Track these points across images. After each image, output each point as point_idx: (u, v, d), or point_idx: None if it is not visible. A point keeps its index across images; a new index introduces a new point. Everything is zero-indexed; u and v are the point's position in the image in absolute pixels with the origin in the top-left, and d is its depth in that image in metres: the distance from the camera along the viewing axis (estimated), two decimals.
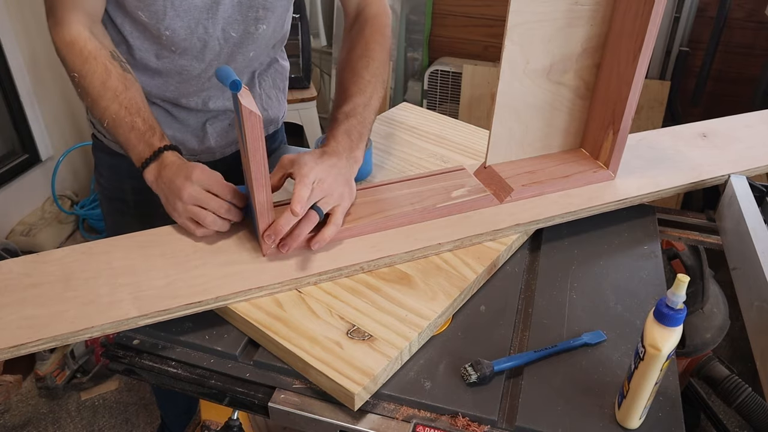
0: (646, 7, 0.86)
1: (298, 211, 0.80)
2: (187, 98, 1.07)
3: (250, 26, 1.00)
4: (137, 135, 0.90)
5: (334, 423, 0.71)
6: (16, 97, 2.22)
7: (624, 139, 0.99)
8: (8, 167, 2.24)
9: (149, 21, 0.94)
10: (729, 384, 1.23)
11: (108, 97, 0.90)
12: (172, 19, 0.94)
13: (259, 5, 0.98)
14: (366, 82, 0.99)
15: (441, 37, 2.87)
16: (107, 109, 0.91)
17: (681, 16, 2.39)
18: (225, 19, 0.97)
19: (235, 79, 0.72)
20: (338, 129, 0.95)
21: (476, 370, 0.73)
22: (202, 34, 0.97)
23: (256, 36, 1.02)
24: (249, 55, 1.05)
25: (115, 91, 0.91)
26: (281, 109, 1.26)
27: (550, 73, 0.96)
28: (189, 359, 0.79)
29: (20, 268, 0.83)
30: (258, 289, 0.81)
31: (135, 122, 0.90)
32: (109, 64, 0.91)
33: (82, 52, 0.91)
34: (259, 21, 1.01)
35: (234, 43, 1.01)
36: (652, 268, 0.93)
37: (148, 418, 1.88)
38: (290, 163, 0.88)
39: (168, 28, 0.95)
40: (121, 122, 0.91)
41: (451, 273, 0.85)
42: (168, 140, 0.92)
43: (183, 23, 0.95)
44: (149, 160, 0.89)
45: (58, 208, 2.42)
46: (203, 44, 0.99)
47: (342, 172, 0.89)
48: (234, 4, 0.96)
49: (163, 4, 0.92)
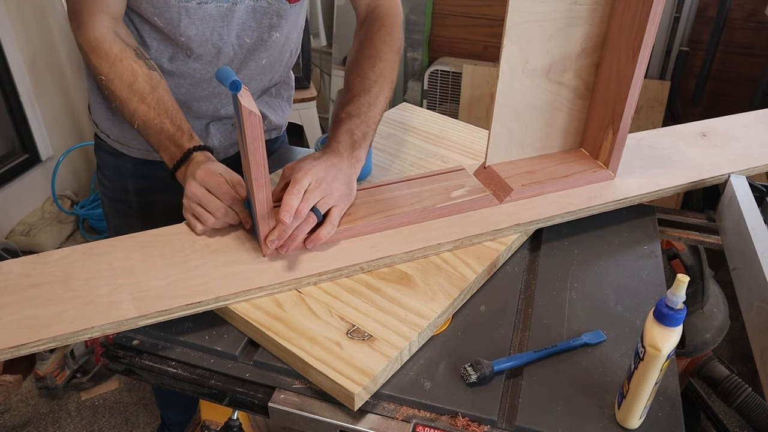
0: (645, 6, 0.86)
1: (285, 221, 0.80)
2: (198, 102, 1.07)
3: (264, 33, 1.01)
4: (167, 137, 0.91)
5: (334, 423, 0.71)
6: (16, 97, 2.22)
7: (624, 139, 0.99)
8: (8, 167, 2.24)
9: (165, 27, 0.95)
10: (729, 384, 1.23)
11: (136, 100, 0.91)
12: (187, 26, 0.95)
13: (273, 12, 0.99)
14: (371, 82, 0.99)
15: (441, 37, 2.87)
16: (136, 112, 0.92)
17: (681, 16, 2.39)
18: (239, 25, 0.98)
19: (235, 80, 0.72)
20: (340, 128, 0.95)
21: (476, 370, 0.73)
22: (216, 41, 0.98)
23: (269, 43, 1.03)
24: (261, 62, 1.06)
25: (143, 94, 0.91)
26: (285, 117, 1.26)
27: (549, 73, 0.96)
28: (189, 359, 0.79)
29: (20, 268, 0.83)
30: (258, 290, 0.81)
31: (164, 124, 0.91)
32: (134, 65, 0.92)
33: (108, 55, 0.91)
34: (273, 28, 1.02)
35: (248, 49, 1.02)
36: (652, 268, 0.93)
37: (148, 418, 1.88)
38: (290, 170, 0.89)
39: (183, 34, 0.96)
40: (151, 124, 0.92)
41: (451, 273, 0.85)
42: (198, 139, 0.93)
43: (198, 30, 0.96)
44: (180, 162, 0.90)
45: (58, 208, 2.42)
46: (217, 50, 1.00)
47: (343, 172, 0.89)
48: (248, 11, 0.97)
49: (178, 12, 0.93)
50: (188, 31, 0.95)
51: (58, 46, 2.40)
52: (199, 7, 0.93)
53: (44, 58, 2.34)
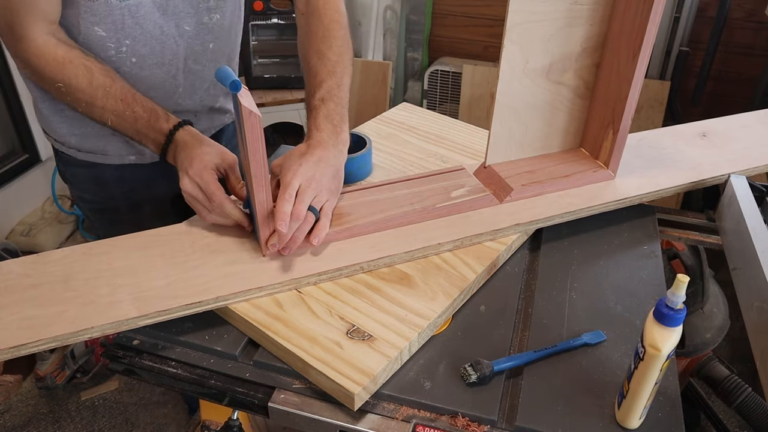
0: (646, 6, 0.86)
1: (282, 230, 0.80)
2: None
3: (203, 17, 0.98)
4: (144, 125, 0.89)
5: (333, 423, 0.71)
6: (16, 97, 2.22)
7: (624, 139, 0.99)
8: (8, 167, 2.24)
9: (107, 34, 0.91)
10: (729, 384, 1.23)
11: (101, 96, 0.89)
12: (132, 27, 0.91)
13: None
14: (334, 63, 0.98)
15: (441, 37, 2.87)
16: (105, 108, 0.89)
17: (681, 16, 2.39)
18: (176, 15, 0.95)
19: (235, 79, 0.72)
20: (318, 116, 0.94)
21: (476, 370, 0.73)
22: (158, 35, 0.95)
23: (211, 26, 1.00)
24: (209, 47, 1.03)
25: (105, 87, 0.89)
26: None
27: (549, 73, 0.96)
28: (189, 359, 0.79)
29: (20, 268, 0.83)
30: (258, 289, 0.81)
31: (136, 112, 0.89)
32: (86, 62, 0.89)
33: (55, 59, 0.87)
34: (211, 11, 0.99)
35: (189, 36, 0.99)
36: (652, 268, 0.93)
37: (148, 418, 1.88)
38: (278, 167, 0.89)
39: (128, 36, 0.92)
40: (123, 116, 0.89)
41: (451, 273, 0.85)
42: (174, 117, 0.91)
43: (142, 30, 0.93)
44: (165, 147, 0.89)
45: (58, 208, 2.42)
46: (162, 45, 0.96)
47: (330, 164, 0.89)
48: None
49: (121, 14, 0.89)
50: (134, 32, 0.92)
51: None
52: (140, 4, 0.90)
53: None
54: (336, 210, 0.92)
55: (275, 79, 2.85)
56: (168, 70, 1.00)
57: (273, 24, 2.81)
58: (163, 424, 1.87)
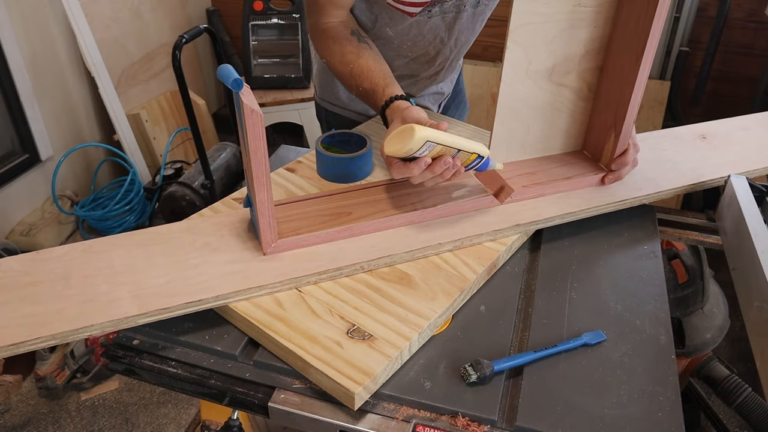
0: (650, 9, 0.86)
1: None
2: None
3: (477, 27, 1.18)
4: (368, 99, 1.02)
5: (334, 423, 0.71)
6: (16, 97, 2.22)
7: (626, 142, 0.99)
8: (8, 167, 2.24)
9: (394, 36, 1.11)
10: (729, 384, 1.23)
11: (346, 73, 1.03)
12: (416, 36, 1.10)
13: (483, 4, 1.13)
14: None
15: None
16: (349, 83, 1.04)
17: (681, 16, 2.40)
18: (460, 29, 1.14)
19: (237, 78, 0.72)
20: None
21: (476, 370, 0.73)
22: (438, 44, 1.14)
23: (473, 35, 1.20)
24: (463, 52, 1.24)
25: (350, 65, 1.03)
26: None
27: (552, 75, 0.96)
28: (189, 359, 0.79)
29: (19, 265, 0.83)
30: (258, 288, 0.80)
31: (362, 87, 1.01)
32: (345, 42, 1.04)
33: (327, 37, 1.05)
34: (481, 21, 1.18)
35: (461, 45, 1.18)
36: (652, 268, 0.93)
37: (148, 418, 1.88)
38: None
39: (410, 40, 1.11)
40: (357, 92, 1.04)
41: (451, 273, 0.85)
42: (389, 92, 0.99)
43: (426, 41, 1.12)
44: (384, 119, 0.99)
45: (58, 209, 2.42)
46: (437, 52, 1.16)
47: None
48: (469, 16, 1.12)
49: (409, 25, 1.07)
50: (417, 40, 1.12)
51: (58, 46, 2.40)
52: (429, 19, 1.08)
53: (44, 58, 2.34)
54: (336, 210, 0.92)
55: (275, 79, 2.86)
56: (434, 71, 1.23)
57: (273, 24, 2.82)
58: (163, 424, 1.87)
